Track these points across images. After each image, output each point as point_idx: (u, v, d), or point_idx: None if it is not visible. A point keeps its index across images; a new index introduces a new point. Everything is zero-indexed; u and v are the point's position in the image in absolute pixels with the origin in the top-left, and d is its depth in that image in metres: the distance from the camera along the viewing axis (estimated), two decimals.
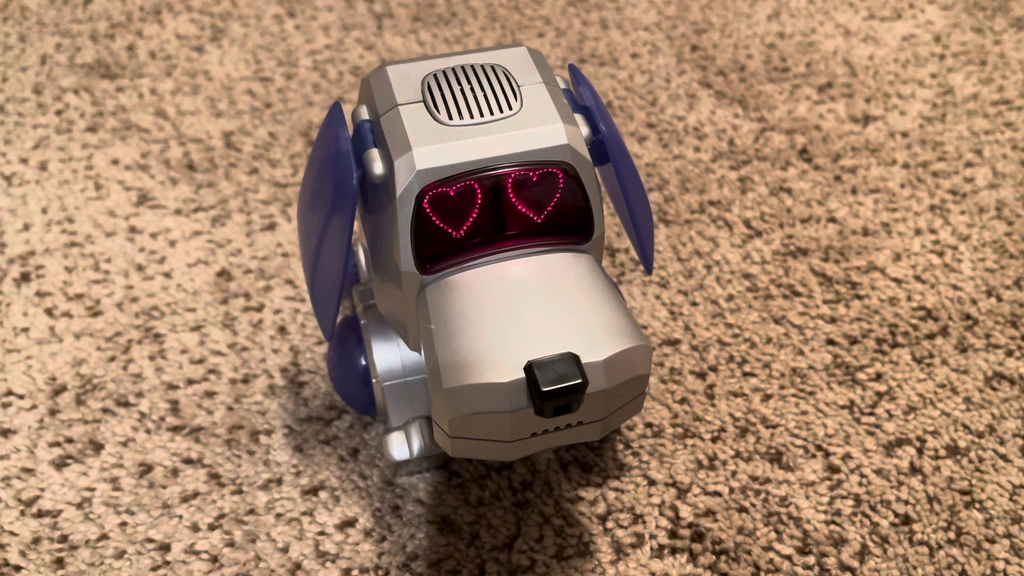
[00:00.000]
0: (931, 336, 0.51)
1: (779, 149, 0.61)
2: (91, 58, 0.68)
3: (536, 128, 0.35)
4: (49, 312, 0.52)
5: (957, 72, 0.67)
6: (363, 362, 0.44)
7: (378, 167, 0.35)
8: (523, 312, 0.34)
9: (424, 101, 0.36)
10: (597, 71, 0.67)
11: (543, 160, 0.35)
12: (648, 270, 0.41)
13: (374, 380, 0.44)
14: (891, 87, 0.66)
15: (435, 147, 0.35)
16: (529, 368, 0.32)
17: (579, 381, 0.31)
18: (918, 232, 0.56)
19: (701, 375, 0.49)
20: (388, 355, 0.44)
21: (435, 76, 0.36)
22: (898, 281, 0.53)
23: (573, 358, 0.32)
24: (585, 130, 0.36)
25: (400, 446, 0.42)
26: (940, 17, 0.72)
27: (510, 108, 0.36)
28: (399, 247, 0.35)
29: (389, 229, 0.36)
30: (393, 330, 0.43)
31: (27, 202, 0.58)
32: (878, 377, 0.49)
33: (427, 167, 0.34)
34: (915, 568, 0.42)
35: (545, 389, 0.31)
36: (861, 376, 0.49)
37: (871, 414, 0.47)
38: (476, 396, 0.32)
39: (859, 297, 0.52)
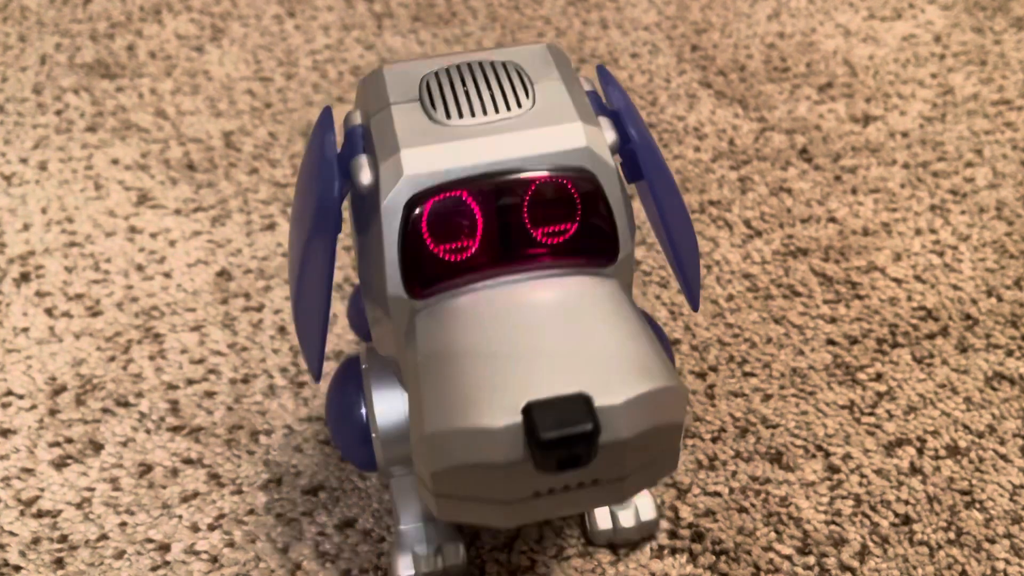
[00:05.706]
0: (931, 336, 0.51)
1: (779, 149, 0.61)
2: (91, 58, 0.68)
3: (550, 127, 0.30)
4: (49, 312, 0.52)
5: (957, 72, 0.67)
6: (363, 414, 0.37)
7: (365, 175, 0.30)
8: (527, 344, 0.28)
9: (420, 99, 0.31)
10: None
11: (558, 165, 0.30)
12: (694, 306, 0.35)
13: (374, 435, 0.37)
14: (891, 87, 0.66)
15: (428, 148, 0.29)
16: (528, 410, 0.26)
17: (588, 428, 0.25)
18: (918, 232, 0.56)
19: (701, 375, 0.49)
20: (392, 406, 0.36)
21: (435, 74, 0.32)
22: (898, 281, 0.53)
23: (583, 399, 0.26)
24: (611, 135, 0.31)
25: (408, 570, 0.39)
26: (940, 17, 0.72)
27: (519, 106, 0.30)
28: (385, 266, 0.30)
29: (376, 247, 0.30)
30: (395, 375, 0.37)
31: (27, 202, 0.58)
32: (878, 377, 0.49)
33: (417, 172, 0.29)
34: (915, 568, 0.42)
35: (546, 437, 0.25)
36: (861, 376, 0.49)
37: (871, 414, 0.47)
38: (463, 443, 0.26)
39: (859, 297, 0.52)
